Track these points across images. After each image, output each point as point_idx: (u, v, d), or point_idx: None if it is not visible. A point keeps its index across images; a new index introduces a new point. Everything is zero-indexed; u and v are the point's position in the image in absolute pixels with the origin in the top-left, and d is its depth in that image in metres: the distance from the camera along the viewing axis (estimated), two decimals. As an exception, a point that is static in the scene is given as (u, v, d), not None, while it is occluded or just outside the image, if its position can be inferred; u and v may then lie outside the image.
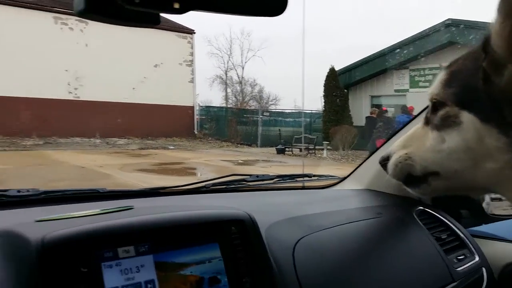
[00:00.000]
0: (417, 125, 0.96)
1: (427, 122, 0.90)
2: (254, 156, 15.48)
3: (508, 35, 0.66)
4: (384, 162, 0.99)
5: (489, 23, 0.71)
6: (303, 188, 1.91)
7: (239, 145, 20.11)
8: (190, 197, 1.56)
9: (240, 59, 42.58)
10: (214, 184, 1.60)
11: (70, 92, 18.86)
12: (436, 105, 0.85)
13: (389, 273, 1.30)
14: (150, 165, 11.68)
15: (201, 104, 27.59)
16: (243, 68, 41.80)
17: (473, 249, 1.63)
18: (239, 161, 13.27)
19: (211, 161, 13.15)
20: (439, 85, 0.84)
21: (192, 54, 22.97)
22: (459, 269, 1.50)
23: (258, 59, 62.31)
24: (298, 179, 1.90)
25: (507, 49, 0.67)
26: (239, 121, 22.95)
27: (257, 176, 1.74)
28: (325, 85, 18.38)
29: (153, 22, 0.60)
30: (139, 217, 1.01)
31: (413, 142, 0.93)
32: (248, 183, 1.69)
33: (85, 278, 0.81)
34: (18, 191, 1.27)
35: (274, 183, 1.78)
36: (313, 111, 22.65)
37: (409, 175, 0.94)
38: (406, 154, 0.92)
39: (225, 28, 71.18)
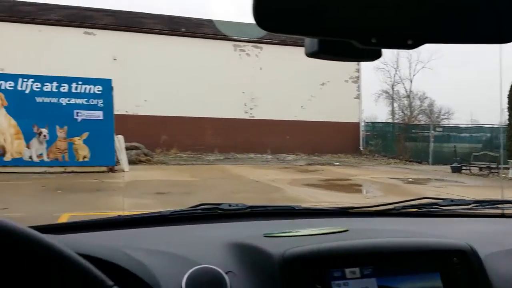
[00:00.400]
0: None
1: None
2: (425, 174, 14.53)
3: None
4: None
5: None
6: (503, 216, 1.71)
7: (407, 162, 19.11)
8: (384, 219, 1.52)
9: (408, 72, 40.74)
10: (404, 207, 1.54)
11: (246, 112, 20.60)
12: None
13: None
14: (317, 180, 11.89)
15: (366, 120, 27.10)
16: (411, 81, 39.80)
17: None
18: (409, 179, 12.64)
19: (378, 178, 12.82)
20: None
21: (358, 70, 22.85)
22: None
23: (428, 71, 58.52)
24: (499, 205, 1.71)
25: None
26: (408, 137, 21.82)
27: (452, 200, 1.62)
28: (509, 96, 16.28)
29: (376, 56, 0.64)
30: (364, 240, 1.03)
31: None
32: (441, 207, 1.58)
33: None
34: (229, 205, 1.39)
35: (471, 208, 1.63)
36: (494, 126, 20.27)
37: None
38: None
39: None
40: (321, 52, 0.60)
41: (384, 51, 0.63)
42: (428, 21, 0.59)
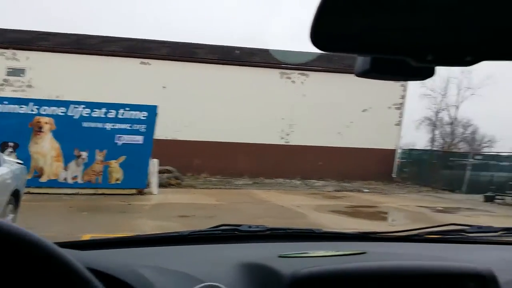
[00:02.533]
0: None
1: None
2: (456, 203, 14.01)
3: None
4: None
5: None
6: None
7: (440, 190, 18.48)
8: (405, 245, 1.45)
9: (456, 98, 39.55)
10: (428, 233, 1.49)
11: (282, 138, 20.56)
12: None
13: None
14: (343, 207, 11.74)
15: (403, 147, 26.46)
16: (457, 107, 38.65)
17: None
18: (438, 208, 12.28)
19: (406, 206, 12.55)
20: None
21: (403, 97, 22.35)
22: None
23: (477, 98, 56.35)
24: None
25: None
26: (444, 165, 21.08)
27: (479, 227, 1.57)
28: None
29: (430, 75, 0.60)
30: (381, 262, 0.98)
31: None
32: (467, 234, 1.52)
33: None
34: (249, 227, 1.39)
35: (499, 236, 1.56)
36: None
37: None
38: None
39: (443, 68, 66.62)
40: (373, 71, 0.59)
41: (437, 73, 0.60)
42: (489, 36, 0.53)
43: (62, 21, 50.67)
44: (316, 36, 0.53)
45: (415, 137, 55.59)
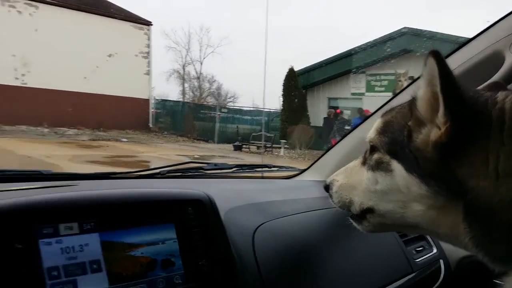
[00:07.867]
0: (356, 161, 1.00)
1: (364, 161, 0.95)
2: (210, 151, 15.27)
3: (429, 99, 0.76)
4: (327, 189, 1.05)
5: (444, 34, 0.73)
6: (262, 177, 1.89)
7: (195, 140, 19.80)
8: (143, 181, 1.47)
9: (199, 54, 41.95)
10: (169, 171, 1.54)
11: (17, 78, 17.86)
12: (372, 148, 0.91)
13: (348, 262, 1.31)
14: (101, 157, 11.15)
15: (157, 98, 27.13)
16: (201, 63, 41.21)
17: (431, 241, 1.68)
18: (195, 156, 13.03)
19: (165, 155, 12.81)
20: (375, 131, 0.91)
21: (148, 46, 22.40)
22: (418, 260, 1.54)
23: (217, 56, 61.77)
24: (257, 169, 1.89)
25: (428, 110, 0.77)
26: (196, 117, 22.61)
27: (215, 164, 1.71)
28: (284, 85, 18.40)
29: None
30: (84, 192, 0.95)
31: (352, 178, 0.99)
32: (205, 171, 1.64)
33: (20, 255, 0.75)
34: None
35: (232, 172, 1.75)
36: (271, 110, 22.69)
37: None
38: (347, 194, 0.98)
39: (183, 23, 70.15)
40: None
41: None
42: None
43: None
44: None
45: (167, 88, 57.62)
